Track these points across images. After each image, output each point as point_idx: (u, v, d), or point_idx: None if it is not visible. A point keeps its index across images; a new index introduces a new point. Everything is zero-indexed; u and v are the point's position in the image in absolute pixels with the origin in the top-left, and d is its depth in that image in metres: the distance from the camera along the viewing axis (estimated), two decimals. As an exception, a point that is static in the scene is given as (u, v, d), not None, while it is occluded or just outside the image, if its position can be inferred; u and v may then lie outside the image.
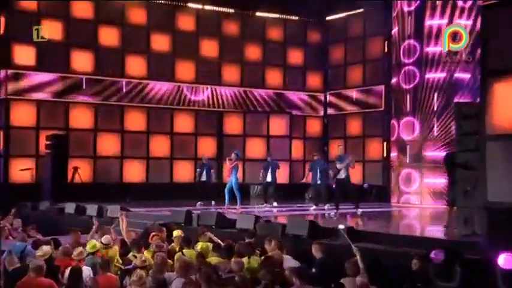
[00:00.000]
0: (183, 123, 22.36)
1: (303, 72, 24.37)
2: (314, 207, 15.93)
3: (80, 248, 8.05)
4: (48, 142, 18.94)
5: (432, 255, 7.43)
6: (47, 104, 20.08)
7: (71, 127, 20.62)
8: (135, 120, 21.46)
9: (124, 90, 21.31)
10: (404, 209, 17.99)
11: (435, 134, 18.98)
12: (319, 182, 16.03)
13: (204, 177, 17.92)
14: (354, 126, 23.27)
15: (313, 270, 7.72)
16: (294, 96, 24.19)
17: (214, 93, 22.68)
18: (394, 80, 20.41)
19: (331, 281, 7.11)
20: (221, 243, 9.42)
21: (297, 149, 23.91)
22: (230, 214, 13.24)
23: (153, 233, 9.69)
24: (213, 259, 8.32)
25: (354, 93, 23.36)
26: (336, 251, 8.68)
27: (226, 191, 16.51)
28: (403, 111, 19.78)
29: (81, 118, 20.77)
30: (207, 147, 22.10)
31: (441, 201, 17.21)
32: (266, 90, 23.66)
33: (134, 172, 21.32)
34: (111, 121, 21.10)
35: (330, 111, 24.41)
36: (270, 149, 22.10)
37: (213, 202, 17.50)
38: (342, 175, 14.37)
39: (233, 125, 22.95)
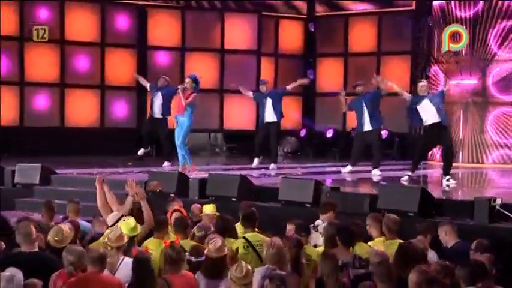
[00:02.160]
0: (79, 23, 20.69)
1: None
2: (349, 168, 16.03)
3: (119, 230, 8.06)
4: None
5: None
6: None
7: None
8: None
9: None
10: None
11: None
12: (370, 128, 15.67)
13: (158, 113, 16.69)
14: (363, 36, 22.35)
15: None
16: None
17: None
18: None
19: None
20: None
21: (266, 72, 22.47)
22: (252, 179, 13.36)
23: (174, 208, 9.99)
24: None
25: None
26: (469, 236, 8.60)
27: (177, 142, 15.70)
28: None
29: None
30: (120, 67, 20.96)
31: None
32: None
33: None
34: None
35: (320, 9, 23.34)
36: (225, 68, 21.60)
37: (166, 163, 16.62)
38: (432, 117, 14.02)
39: (164, 30, 21.68)
